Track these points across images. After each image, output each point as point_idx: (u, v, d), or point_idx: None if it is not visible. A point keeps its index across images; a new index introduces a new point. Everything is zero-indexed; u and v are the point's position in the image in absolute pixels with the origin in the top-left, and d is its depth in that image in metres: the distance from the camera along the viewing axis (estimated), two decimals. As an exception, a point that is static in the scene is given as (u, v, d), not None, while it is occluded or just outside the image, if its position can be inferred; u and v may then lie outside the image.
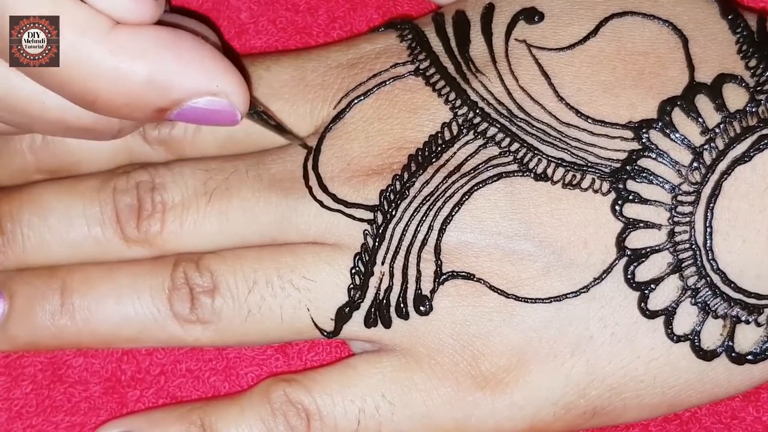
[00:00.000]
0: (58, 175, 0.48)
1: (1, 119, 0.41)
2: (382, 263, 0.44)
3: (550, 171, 0.43)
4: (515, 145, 0.43)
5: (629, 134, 0.43)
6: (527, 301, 0.43)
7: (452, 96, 0.44)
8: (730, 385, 0.44)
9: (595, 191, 0.42)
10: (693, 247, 0.42)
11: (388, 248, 0.43)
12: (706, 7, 0.45)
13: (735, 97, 0.43)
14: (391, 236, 0.43)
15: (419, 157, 0.44)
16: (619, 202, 0.42)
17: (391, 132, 0.44)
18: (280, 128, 0.45)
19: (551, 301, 0.42)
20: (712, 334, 0.43)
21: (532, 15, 0.45)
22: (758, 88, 0.43)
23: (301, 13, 0.51)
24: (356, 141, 0.45)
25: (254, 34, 0.51)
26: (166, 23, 0.40)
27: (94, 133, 0.42)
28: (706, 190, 0.42)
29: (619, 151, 0.42)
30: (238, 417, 0.45)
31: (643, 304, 0.42)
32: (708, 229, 0.42)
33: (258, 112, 0.44)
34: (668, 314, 0.42)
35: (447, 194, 0.43)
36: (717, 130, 0.42)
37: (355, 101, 0.45)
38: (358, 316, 0.44)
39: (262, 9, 0.51)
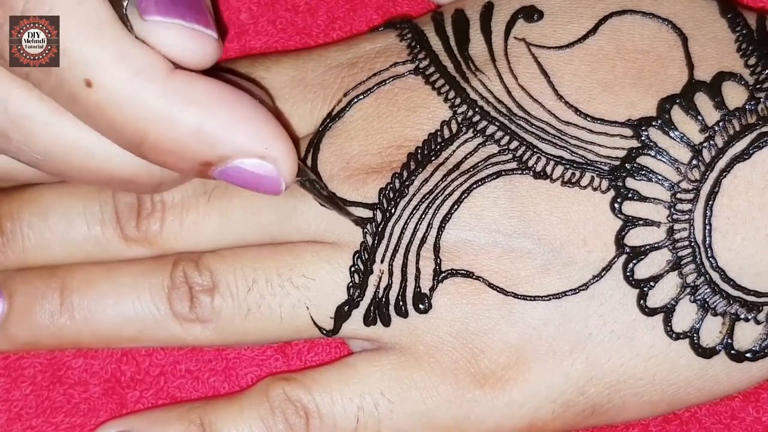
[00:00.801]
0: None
1: (39, 166, 0.41)
2: (382, 261, 0.44)
3: (549, 169, 0.43)
4: (514, 143, 0.43)
5: (628, 132, 0.43)
6: (526, 299, 0.43)
7: (451, 94, 0.44)
8: (730, 383, 0.44)
9: (595, 189, 0.42)
10: (692, 244, 0.42)
11: (387, 246, 0.43)
12: (705, 6, 0.45)
13: (734, 95, 0.43)
14: (391, 234, 0.43)
15: (418, 156, 0.44)
16: (619, 199, 0.42)
17: (390, 130, 0.44)
18: (331, 200, 0.44)
19: (550, 299, 0.42)
20: (712, 331, 0.43)
21: (531, 13, 0.45)
22: (757, 86, 0.43)
23: (300, 13, 0.51)
24: (356, 140, 0.45)
25: (254, 34, 0.51)
26: (225, 80, 0.39)
27: (133, 186, 0.41)
28: (706, 188, 0.42)
29: (618, 149, 0.43)
30: (237, 416, 0.44)
31: (642, 302, 0.42)
32: (707, 227, 0.42)
33: (310, 181, 0.43)
34: (667, 312, 0.42)
35: (446, 192, 0.43)
36: (716, 128, 0.42)
37: (355, 100, 0.45)
38: (358, 314, 0.44)
39: (261, 10, 0.51)
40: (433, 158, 0.44)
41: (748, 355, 0.43)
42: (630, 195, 0.42)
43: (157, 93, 0.37)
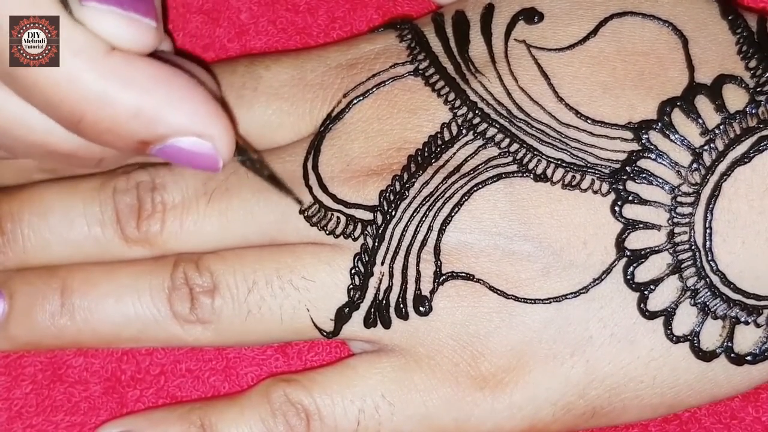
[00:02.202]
0: (58, 175, 0.48)
1: None
2: (382, 264, 0.44)
3: (549, 172, 0.43)
4: (515, 146, 0.43)
5: (629, 135, 0.43)
6: (527, 302, 0.43)
7: (452, 96, 0.44)
8: (730, 386, 0.44)
9: (595, 192, 0.42)
10: (692, 248, 0.42)
11: (387, 249, 0.43)
12: (706, 8, 0.45)
13: (735, 98, 0.43)
14: (391, 237, 0.43)
15: (419, 158, 0.44)
16: (619, 202, 0.42)
17: (390, 132, 0.44)
18: (273, 179, 0.44)
19: (551, 302, 0.42)
20: (712, 334, 0.43)
21: (531, 15, 0.45)
22: (758, 89, 0.43)
23: (301, 13, 0.51)
24: (356, 141, 0.45)
25: (254, 34, 0.51)
26: (166, 61, 0.40)
27: (74, 160, 0.42)
28: (706, 191, 0.42)
29: (618, 151, 0.42)
30: (237, 417, 0.45)
31: (642, 305, 0.42)
32: (707, 230, 0.42)
33: (252, 160, 0.43)
34: (668, 315, 0.42)
35: (446, 195, 0.43)
36: (717, 131, 0.42)
37: (355, 101, 0.45)
38: (358, 316, 0.44)
39: (262, 9, 0.51)
40: (433, 161, 0.44)
41: (748, 358, 0.43)
42: (630, 198, 0.42)
43: (95, 74, 0.37)
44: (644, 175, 0.42)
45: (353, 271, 0.44)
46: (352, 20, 0.51)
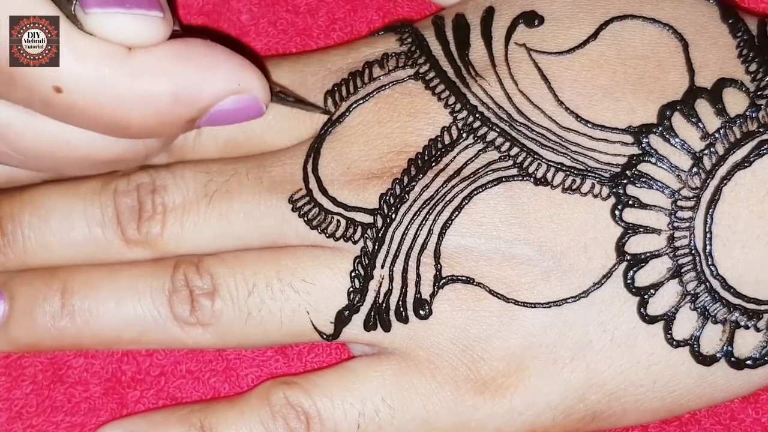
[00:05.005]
0: (59, 177, 0.48)
1: (29, 166, 0.42)
2: (382, 267, 0.44)
3: (549, 175, 0.43)
4: (515, 150, 0.43)
5: (629, 139, 0.43)
6: (527, 306, 0.43)
7: (452, 100, 0.44)
8: (730, 390, 0.44)
9: (595, 196, 0.42)
10: (692, 252, 0.42)
11: (387, 252, 0.43)
12: (706, 11, 0.45)
13: (735, 102, 0.43)
14: (391, 240, 0.43)
15: (419, 161, 0.44)
16: (619, 206, 0.42)
17: (390, 136, 0.44)
18: (300, 102, 0.45)
19: (551, 306, 0.42)
20: (712, 339, 0.43)
21: (532, 19, 0.45)
22: (758, 93, 0.43)
23: (301, 14, 0.51)
24: (356, 145, 0.45)
25: (255, 36, 0.51)
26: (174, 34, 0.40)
27: (123, 163, 0.42)
28: (706, 195, 0.42)
29: (618, 155, 0.42)
30: (238, 419, 0.45)
31: (642, 309, 0.42)
32: (708, 235, 0.42)
33: (276, 94, 0.44)
34: (668, 319, 0.42)
35: (447, 198, 0.43)
36: (717, 135, 0.42)
37: (355, 105, 0.45)
38: (358, 319, 0.44)
39: (262, 11, 0.51)
40: (433, 164, 0.44)
41: (748, 362, 0.43)
42: (630, 202, 0.42)
43: (126, 77, 0.38)
44: (644, 179, 0.42)
45: (353, 274, 0.44)
46: (352, 21, 0.51)
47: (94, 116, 0.39)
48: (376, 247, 0.44)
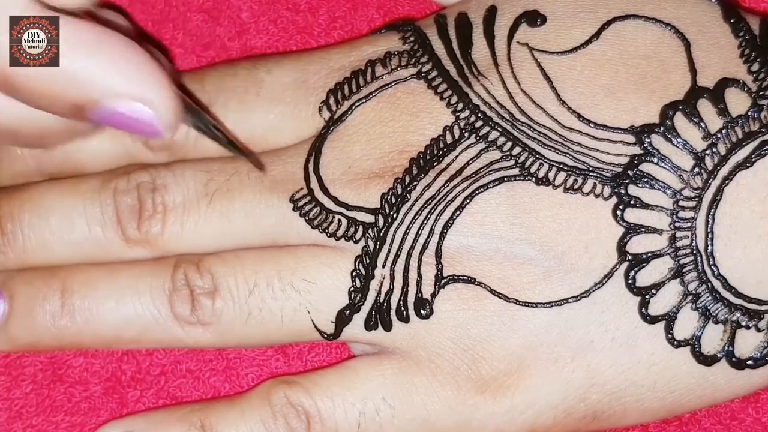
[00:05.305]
0: (58, 176, 0.48)
1: None
2: (383, 266, 0.44)
3: (551, 175, 0.43)
4: (517, 149, 0.43)
5: (631, 139, 0.42)
6: (528, 306, 0.43)
7: (454, 99, 0.44)
8: (730, 390, 0.44)
9: (597, 196, 0.42)
10: (694, 252, 0.42)
11: (389, 251, 0.43)
12: (708, 11, 0.45)
13: (737, 102, 0.43)
14: (392, 239, 0.43)
15: (421, 161, 0.44)
16: (621, 206, 0.42)
17: (392, 135, 0.44)
18: (230, 143, 0.44)
19: (552, 306, 0.42)
20: (713, 339, 0.43)
21: (534, 18, 0.45)
22: (760, 93, 0.43)
23: (301, 12, 0.51)
24: (358, 144, 0.45)
25: (255, 33, 0.51)
26: (102, 21, 0.39)
27: (20, 138, 0.41)
28: (708, 196, 0.42)
29: (620, 155, 0.42)
30: (238, 419, 0.45)
31: (643, 309, 0.42)
32: (709, 235, 0.42)
33: (206, 125, 0.43)
34: (669, 319, 0.42)
35: (448, 198, 0.43)
36: (719, 135, 0.42)
37: (357, 104, 0.45)
38: (359, 318, 0.44)
39: (263, 9, 0.51)
40: (435, 164, 0.43)
41: (749, 362, 0.43)
42: (632, 202, 0.42)
43: None
44: (646, 179, 0.42)
45: (354, 273, 0.44)
46: (353, 20, 0.51)
47: None
48: (378, 246, 0.43)
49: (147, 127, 0.39)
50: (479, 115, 0.44)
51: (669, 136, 0.42)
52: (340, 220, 0.44)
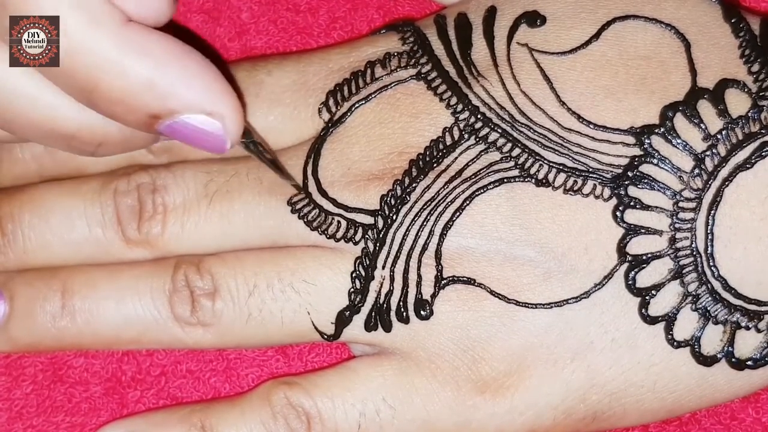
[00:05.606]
0: (58, 176, 0.48)
1: None
2: (383, 267, 0.44)
3: (551, 177, 0.43)
4: (516, 151, 0.43)
5: (631, 140, 0.42)
6: (528, 307, 0.43)
7: (454, 100, 0.44)
8: (730, 391, 0.44)
9: (597, 197, 0.42)
10: (694, 253, 0.42)
11: (388, 253, 0.43)
12: (708, 11, 0.44)
13: (737, 103, 0.42)
14: (392, 241, 0.43)
15: (420, 162, 0.44)
16: (621, 208, 0.42)
17: (392, 136, 0.44)
18: (274, 164, 0.44)
19: (552, 307, 0.42)
20: (712, 339, 0.43)
21: (534, 18, 0.45)
22: (760, 94, 0.43)
23: (301, 13, 0.51)
24: (357, 145, 0.45)
25: (255, 34, 0.51)
26: (180, 39, 0.39)
27: (75, 142, 0.41)
28: (708, 197, 0.42)
29: (620, 156, 0.42)
30: (238, 419, 0.45)
31: (643, 310, 0.42)
32: (709, 236, 0.42)
33: (254, 143, 0.43)
34: (669, 320, 0.42)
35: (448, 199, 0.43)
36: (719, 136, 0.42)
37: (357, 105, 0.45)
38: (359, 319, 0.44)
39: (262, 9, 0.51)
40: (435, 165, 0.43)
41: (748, 363, 0.43)
42: (632, 203, 0.42)
43: (112, 42, 0.37)
44: (646, 181, 0.42)
45: (354, 274, 0.44)
46: (353, 20, 0.51)
47: (68, 70, 0.37)
48: (377, 247, 0.43)
49: (213, 140, 0.40)
50: (479, 116, 0.44)
51: (669, 137, 0.42)
52: (339, 222, 0.44)
